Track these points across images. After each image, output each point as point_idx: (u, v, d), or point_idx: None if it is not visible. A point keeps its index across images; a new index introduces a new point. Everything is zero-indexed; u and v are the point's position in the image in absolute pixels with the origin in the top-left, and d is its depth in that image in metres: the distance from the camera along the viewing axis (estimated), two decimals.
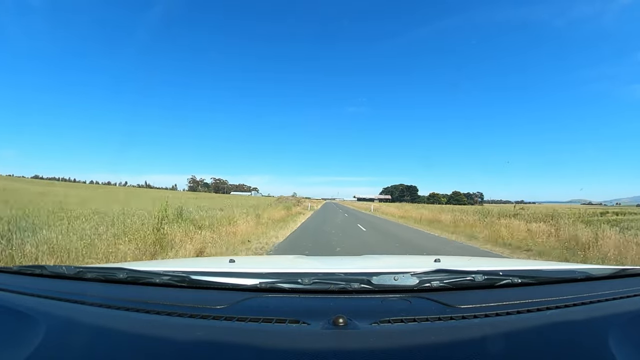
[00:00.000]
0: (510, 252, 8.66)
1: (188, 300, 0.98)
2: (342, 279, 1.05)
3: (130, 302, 0.98)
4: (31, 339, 0.79)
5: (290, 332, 0.81)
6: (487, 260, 2.18)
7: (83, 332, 0.86)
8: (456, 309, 0.92)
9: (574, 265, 1.40)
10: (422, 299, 0.99)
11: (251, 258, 3.67)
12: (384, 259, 2.41)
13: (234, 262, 1.55)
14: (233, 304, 0.95)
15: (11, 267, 1.34)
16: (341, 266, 1.70)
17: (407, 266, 1.38)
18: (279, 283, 1.05)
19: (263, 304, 0.98)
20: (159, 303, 0.97)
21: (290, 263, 1.87)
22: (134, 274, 1.15)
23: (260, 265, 1.71)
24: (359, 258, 2.14)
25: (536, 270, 1.33)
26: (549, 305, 0.96)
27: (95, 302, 0.99)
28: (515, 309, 0.92)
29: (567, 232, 9.04)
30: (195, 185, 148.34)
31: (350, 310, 0.88)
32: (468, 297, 1.01)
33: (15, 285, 1.14)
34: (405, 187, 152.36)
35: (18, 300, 1.02)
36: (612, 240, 7.35)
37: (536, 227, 10.47)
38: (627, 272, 1.27)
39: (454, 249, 8.97)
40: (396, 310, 0.92)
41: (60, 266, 1.25)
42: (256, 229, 11.20)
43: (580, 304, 0.99)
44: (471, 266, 1.46)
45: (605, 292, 1.07)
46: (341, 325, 0.80)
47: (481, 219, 13.98)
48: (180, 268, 1.31)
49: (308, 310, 0.91)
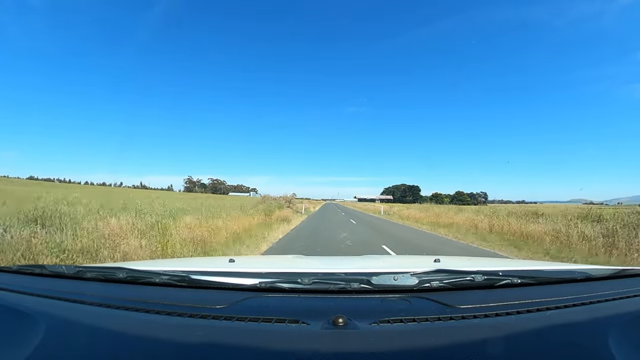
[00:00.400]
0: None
1: (188, 300, 0.99)
2: (341, 279, 1.05)
3: (130, 302, 0.98)
4: (31, 339, 0.79)
5: (289, 332, 0.81)
6: (487, 261, 2.18)
7: (83, 331, 0.86)
8: (456, 309, 0.92)
9: (574, 265, 1.40)
10: (422, 299, 0.99)
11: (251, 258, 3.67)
12: (384, 259, 2.41)
13: (233, 261, 1.55)
14: (233, 303, 0.95)
15: (11, 267, 1.34)
16: (341, 266, 1.70)
17: (407, 266, 1.38)
18: (279, 283, 1.05)
19: (263, 303, 0.98)
20: (159, 303, 0.97)
21: (289, 263, 1.88)
22: (134, 273, 1.15)
23: (260, 265, 1.71)
24: (358, 258, 2.14)
25: (536, 271, 1.33)
26: (549, 305, 0.95)
27: (95, 301, 0.99)
28: (515, 310, 0.92)
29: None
30: (192, 185, 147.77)
31: (349, 310, 0.88)
32: (468, 297, 1.01)
33: (15, 284, 1.14)
34: (407, 187, 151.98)
35: (18, 300, 1.02)
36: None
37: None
38: (626, 273, 1.27)
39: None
40: (396, 310, 0.92)
41: (60, 266, 1.25)
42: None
43: (580, 304, 0.99)
44: (471, 266, 1.46)
45: (605, 292, 1.07)
46: (341, 325, 0.80)
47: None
48: (180, 267, 1.31)
49: (308, 310, 0.91)
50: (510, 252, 8.88)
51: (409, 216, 22.19)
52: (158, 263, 1.95)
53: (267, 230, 11.87)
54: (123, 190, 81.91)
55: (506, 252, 8.90)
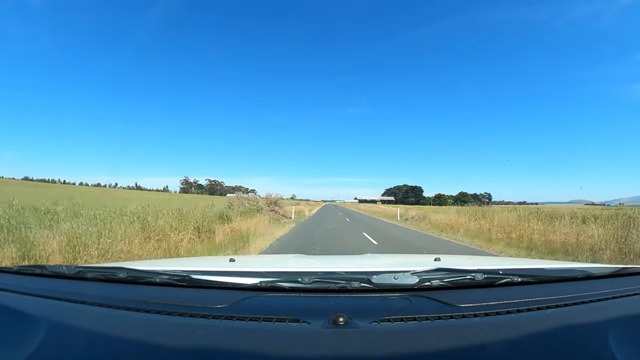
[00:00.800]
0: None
1: (188, 300, 0.98)
2: (342, 278, 1.05)
3: (130, 302, 0.98)
4: (31, 339, 0.79)
5: (290, 331, 0.81)
6: (487, 259, 2.18)
7: (83, 332, 0.86)
8: (456, 307, 0.92)
9: (574, 264, 1.40)
10: (422, 297, 0.99)
11: (251, 257, 3.67)
12: (385, 258, 2.41)
13: (234, 261, 1.55)
14: (233, 303, 0.95)
15: (11, 267, 1.34)
16: (341, 265, 1.70)
17: (407, 265, 1.39)
18: (279, 282, 1.05)
19: (263, 303, 0.98)
20: (159, 302, 0.97)
21: (290, 262, 1.88)
22: (134, 273, 1.15)
23: (261, 264, 1.71)
24: (359, 257, 2.14)
25: (536, 269, 1.33)
26: (549, 304, 0.95)
27: (96, 301, 0.99)
28: (515, 308, 0.92)
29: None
30: (188, 186, 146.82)
31: (350, 309, 0.88)
32: (468, 296, 1.01)
33: (15, 285, 1.14)
34: (410, 188, 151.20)
35: (18, 300, 1.02)
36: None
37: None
38: (627, 271, 1.27)
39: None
40: (396, 309, 0.92)
41: (60, 266, 1.25)
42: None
43: (580, 302, 0.98)
44: (471, 265, 1.46)
45: (605, 291, 1.07)
46: (341, 325, 0.80)
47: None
48: (181, 267, 1.31)
49: (308, 309, 0.91)
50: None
51: (447, 224, 14.48)
52: (158, 263, 1.96)
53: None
54: (116, 191, 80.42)
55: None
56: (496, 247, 9.60)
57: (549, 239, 9.27)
